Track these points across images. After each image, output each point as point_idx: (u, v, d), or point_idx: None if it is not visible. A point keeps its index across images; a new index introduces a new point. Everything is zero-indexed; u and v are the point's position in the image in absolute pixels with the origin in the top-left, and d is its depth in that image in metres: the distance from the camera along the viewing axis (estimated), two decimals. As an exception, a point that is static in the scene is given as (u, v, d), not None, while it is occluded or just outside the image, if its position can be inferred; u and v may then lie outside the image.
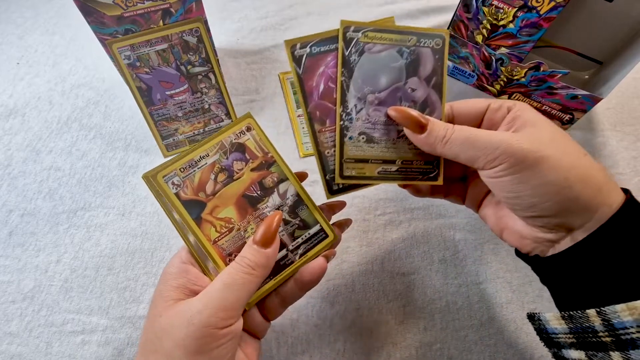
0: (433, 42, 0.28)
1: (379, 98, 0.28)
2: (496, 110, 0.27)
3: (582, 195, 0.23)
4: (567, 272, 0.24)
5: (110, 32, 0.39)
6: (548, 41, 0.48)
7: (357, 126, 0.28)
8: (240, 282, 0.24)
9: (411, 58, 0.28)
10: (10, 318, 0.37)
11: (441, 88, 0.28)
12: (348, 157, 0.28)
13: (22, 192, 0.42)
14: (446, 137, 0.25)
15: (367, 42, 0.27)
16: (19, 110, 0.47)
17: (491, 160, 0.24)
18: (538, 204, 0.24)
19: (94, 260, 0.39)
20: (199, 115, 0.45)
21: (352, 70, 0.27)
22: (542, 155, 0.23)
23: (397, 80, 0.28)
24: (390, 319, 0.38)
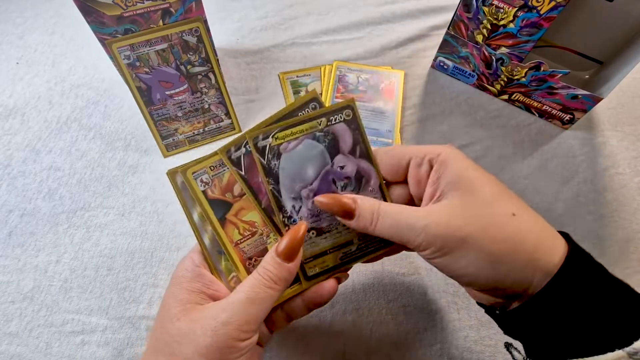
0: (343, 115, 0.28)
1: (312, 189, 0.27)
2: (418, 166, 0.26)
3: (512, 269, 0.22)
4: (521, 327, 0.24)
5: (109, 32, 0.39)
6: (548, 41, 0.48)
7: None
8: (263, 296, 0.24)
9: (328, 139, 0.27)
10: (10, 318, 0.37)
11: (368, 154, 0.28)
12: (306, 258, 0.28)
13: (21, 192, 0.42)
14: (373, 223, 0.25)
15: (280, 143, 0.27)
16: (18, 110, 0.47)
17: (418, 245, 0.24)
18: (474, 280, 0.24)
19: (93, 260, 0.39)
20: (198, 115, 0.45)
21: (276, 176, 0.27)
22: (462, 236, 0.22)
23: (324, 164, 0.27)
24: (390, 319, 0.38)
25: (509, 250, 0.22)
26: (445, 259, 0.23)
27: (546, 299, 0.22)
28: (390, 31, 0.56)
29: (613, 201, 0.45)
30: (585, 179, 0.46)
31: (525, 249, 0.22)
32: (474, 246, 0.22)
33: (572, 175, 0.46)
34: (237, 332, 0.23)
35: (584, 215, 0.44)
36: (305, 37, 0.54)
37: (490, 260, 0.22)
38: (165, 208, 0.42)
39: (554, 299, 0.22)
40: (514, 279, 0.23)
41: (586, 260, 0.23)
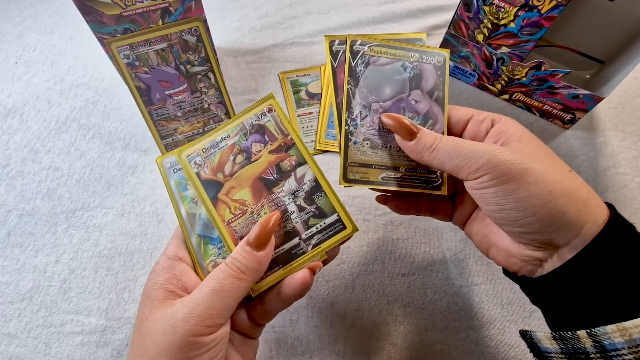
0: (435, 59, 0.30)
1: (383, 107, 0.29)
2: (480, 122, 0.27)
3: (567, 210, 0.22)
4: (556, 293, 0.24)
5: (109, 32, 0.39)
6: (549, 40, 0.48)
7: (362, 132, 0.29)
8: (229, 288, 0.23)
9: (414, 72, 0.29)
10: (9, 319, 0.36)
11: (443, 102, 0.29)
12: (352, 161, 0.29)
13: (20, 192, 0.42)
14: (433, 145, 0.25)
15: (373, 55, 0.29)
16: (17, 110, 0.47)
17: (475, 171, 0.24)
18: (522, 218, 0.23)
19: (92, 260, 0.39)
20: (198, 115, 0.44)
21: (357, 80, 0.29)
22: (526, 168, 0.23)
23: (401, 91, 0.29)
24: (390, 320, 0.38)
25: (567, 192, 0.23)
26: (502, 188, 0.23)
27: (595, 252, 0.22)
28: (390, 30, 0.55)
29: (614, 201, 0.44)
30: (586, 179, 0.45)
31: (581, 197, 0.23)
32: (536, 180, 0.22)
33: (573, 175, 0.46)
34: (198, 327, 0.22)
35: (585, 216, 0.44)
36: (305, 36, 0.54)
37: (549, 196, 0.22)
38: (165, 208, 0.42)
39: (601, 254, 0.22)
40: (567, 220, 0.22)
41: (628, 226, 0.23)
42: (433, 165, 0.26)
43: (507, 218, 0.24)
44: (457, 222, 0.32)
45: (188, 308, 0.22)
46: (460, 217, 0.31)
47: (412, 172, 0.29)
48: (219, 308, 0.23)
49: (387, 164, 0.29)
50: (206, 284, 0.23)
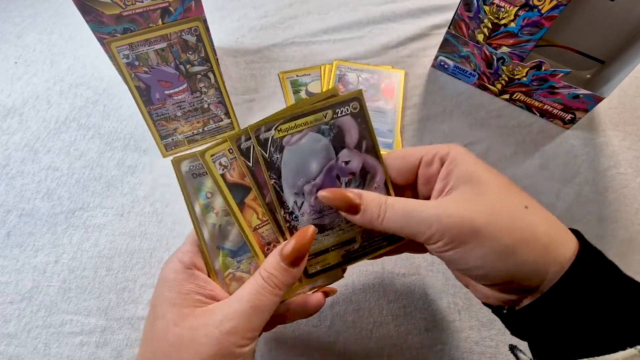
0: (350, 107, 0.26)
1: (316, 185, 0.26)
2: (429, 165, 0.26)
3: (526, 260, 0.22)
4: (530, 326, 0.24)
5: (108, 31, 0.39)
6: (550, 40, 0.48)
7: (305, 221, 0.27)
8: (267, 303, 0.24)
9: (334, 132, 0.26)
10: (8, 319, 0.36)
11: (374, 149, 0.27)
12: (309, 255, 0.27)
13: (20, 192, 0.42)
14: (380, 217, 0.24)
15: (283, 136, 0.26)
16: (16, 110, 0.47)
17: (429, 237, 0.23)
18: (487, 273, 0.23)
19: (92, 260, 0.39)
20: (198, 115, 0.44)
21: (279, 170, 0.26)
22: (475, 227, 0.22)
23: (328, 159, 0.26)
24: (390, 320, 0.38)
25: (523, 240, 0.22)
26: (458, 251, 0.23)
27: (560, 293, 0.22)
28: (390, 30, 0.55)
29: (614, 201, 0.44)
30: (587, 179, 0.46)
31: (540, 240, 0.22)
32: (488, 236, 0.22)
33: (574, 175, 0.46)
34: (240, 340, 0.23)
35: (585, 216, 0.44)
36: (305, 36, 0.54)
37: (505, 250, 0.22)
38: (165, 208, 0.42)
39: (568, 293, 0.22)
40: (528, 270, 0.22)
41: (598, 256, 0.23)
42: (390, 232, 0.25)
43: (473, 275, 0.24)
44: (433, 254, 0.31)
45: (232, 322, 0.23)
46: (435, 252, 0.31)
47: (370, 235, 0.28)
48: (258, 323, 0.24)
49: (342, 240, 0.27)
50: (246, 299, 0.24)
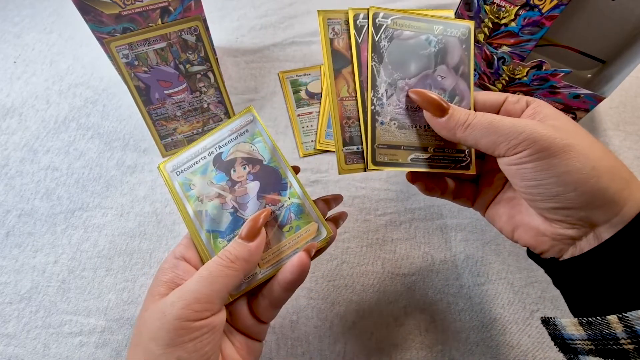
0: (459, 32, 0.28)
1: (409, 84, 0.28)
2: (514, 103, 0.26)
3: (610, 187, 0.22)
4: (588, 275, 0.23)
5: (108, 31, 0.39)
6: (550, 40, 0.48)
7: (388, 111, 0.27)
8: (217, 274, 0.24)
9: (439, 47, 0.28)
10: (7, 319, 0.36)
11: (469, 77, 0.28)
12: (380, 143, 0.27)
13: (19, 192, 0.42)
14: (467, 122, 0.25)
15: (396, 29, 0.27)
16: (16, 110, 0.47)
17: (514, 146, 0.23)
18: (562, 193, 0.22)
19: (91, 261, 0.39)
20: (197, 115, 0.44)
21: (381, 56, 0.27)
22: (568, 143, 0.22)
23: (427, 67, 0.28)
24: (390, 321, 0.38)
25: (609, 169, 0.22)
26: (542, 163, 0.22)
27: (636, 232, 0.21)
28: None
29: (615, 201, 0.44)
30: (587, 179, 0.45)
31: (623, 176, 0.22)
32: (579, 155, 0.22)
33: (574, 175, 0.46)
34: (185, 311, 0.22)
35: (586, 216, 0.43)
36: (305, 35, 0.54)
37: (592, 172, 0.22)
38: (164, 208, 0.42)
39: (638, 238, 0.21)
40: (607, 198, 0.22)
41: None
42: (467, 142, 0.25)
43: (545, 194, 0.23)
44: (479, 206, 0.31)
45: (177, 294, 0.23)
46: (483, 201, 0.31)
47: (441, 151, 0.28)
48: (206, 293, 0.23)
49: (415, 144, 0.28)
50: (197, 273, 0.24)
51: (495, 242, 0.41)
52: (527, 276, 0.40)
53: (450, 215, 0.43)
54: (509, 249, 0.41)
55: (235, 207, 0.28)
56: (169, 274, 0.25)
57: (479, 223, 0.42)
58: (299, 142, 0.46)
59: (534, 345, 0.36)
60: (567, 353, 0.24)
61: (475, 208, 0.32)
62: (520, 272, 0.40)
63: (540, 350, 0.36)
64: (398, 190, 0.44)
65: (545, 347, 0.37)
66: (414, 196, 0.43)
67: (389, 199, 0.43)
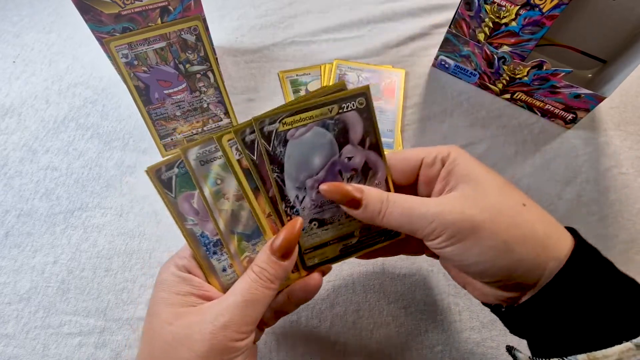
0: (356, 102, 0.26)
1: (318, 180, 0.26)
2: (430, 166, 0.26)
3: (525, 256, 0.22)
4: (529, 323, 0.24)
5: (107, 31, 0.39)
6: (551, 39, 0.48)
7: (306, 215, 0.27)
8: (260, 297, 0.24)
9: (338, 128, 0.26)
10: (7, 320, 0.36)
11: (378, 146, 0.27)
12: (306, 248, 0.27)
13: (18, 192, 0.42)
14: (382, 212, 0.25)
15: (288, 129, 0.25)
16: (15, 110, 0.47)
17: (429, 233, 0.24)
18: (484, 270, 0.23)
19: (91, 261, 0.39)
20: (197, 115, 0.44)
21: (281, 164, 0.26)
22: (476, 223, 0.22)
23: (331, 155, 0.26)
24: (391, 321, 0.37)
25: (522, 237, 0.22)
26: (458, 247, 0.23)
27: (557, 288, 0.22)
28: (391, 29, 0.55)
29: (616, 201, 0.44)
30: (588, 178, 0.45)
31: (538, 238, 0.23)
32: (488, 233, 0.22)
33: (575, 175, 0.46)
34: (235, 334, 0.23)
35: (587, 216, 0.43)
36: (305, 35, 0.54)
37: (503, 247, 0.22)
38: (164, 208, 0.42)
39: (565, 288, 0.22)
40: (527, 267, 0.23)
41: (593, 252, 0.23)
42: (389, 228, 0.26)
43: (472, 270, 0.24)
44: (429, 255, 0.31)
45: (226, 317, 0.23)
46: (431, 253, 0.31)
47: (367, 231, 0.28)
48: (252, 316, 0.24)
49: (340, 234, 0.28)
50: (239, 293, 0.24)
51: (495, 242, 0.41)
52: (528, 276, 0.39)
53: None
54: (509, 249, 0.41)
55: None
56: (184, 287, 0.25)
57: (479, 223, 0.42)
58: (299, 142, 0.46)
59: (535, 346, 0.36)
60: None
61: (427, 256, 0.32)
62: (521, 272, 0.40)
63: None
64: (398, 190, 0.44)
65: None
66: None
67: (389, 199, 0.43)
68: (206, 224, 0.26)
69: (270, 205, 0.26)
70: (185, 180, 0.26)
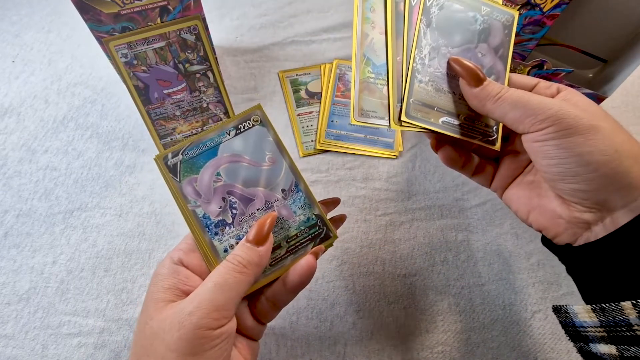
0: (504, 17, 0.30)
1: (451, 52, 0.29)
2: (546, 88, 0.27)
3: (631, 171, 0.22)
4: (602, 262, 0.23)
5: (107, 30, 0.39)
6: (552, 39, 0.47)
7: (428, 72, 0.29)
8: (232, 281, 0.24)
9: (483, 26, 0.30)
10: (6, 320, 0.36)
11: (507, 60, 0.30)
12: (416, 99, 0.28)
13: (17, 192, 0.42)
14: (499, 94, 0.25)
15: (447, 0, 0.29)
16: (14, 109, 0.46)
17: (540, 121, 0.23)
18: (582, 173, 0.22)
19: (90, 261, 0.39)
20: (197, 114, 0.44)
21: (430, 20, 0.29)
22: (594, 125, 0.22)
23: (470, 42, 0.29)
24: (391, 321, 0.37)
25: (634, 153, 0.22)
26: (569, 140, 0.22)
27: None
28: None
29: (617, 201, 0.44)
30: (589, 178, 0.45)
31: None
32: (605, 135, 0.22)
33: (575, 175, 0.45)
34: (205, 320, 0.22)
35: (587, 216, 0.43)
36: (305, 35, 0.54)
37: (614, 154, 0.22)
38: (163, 209, 0.42)
39: None
40: (629, 180, 0.22)
41: None
42: (494, 115, 0.26)
43: (565, 173, 0.23)
44: (496, 186, 0.31)
45: (194, 303, 0.23)
46: (502, 182, 0.31)
47: (471, 122, 0.29)
48: (223, 301, 0.23)
49: (448, 108, 0.29)
50: (210, 280, 0.24)
51: (495, 242, 0.41)
52: (528, 277, 0.39)
53: (450, 216, 0.42)
54: (510, 250, 0.41)
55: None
56: (171, 280, 0.25)
57: (480, 223, 0.42)
58: (299, 142, 0.46)
59: (535, 346, 0.36)
60: (577, 341, 0.24)
61: (492, 188, 0.32)
62: (521, 272, 0.39)
63: (542, 351, 0.36)
64: (398, 191, 0.44)
65: (546, 347, 0.37)
66: (414, 196, 0.43)
67: (390, 199, 0.43)
68: (208, 206, 0.27)
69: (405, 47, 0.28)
70: (189, 166, 0.28)
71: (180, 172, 0.27)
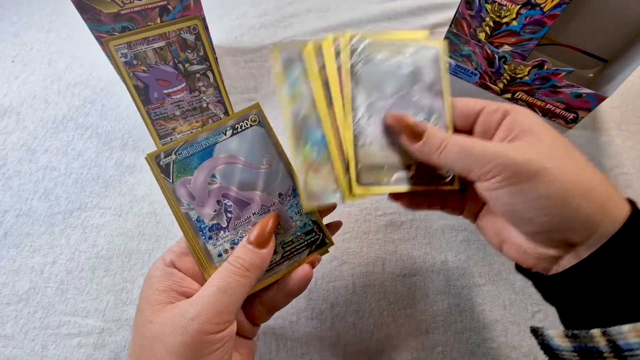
0: (430, 53, 0.28)
1: (387, 105, 0.28)
2: (492, 113, 0.26)
3: (582, 209, 0.22)
4: (571, 291, 0.23)
5: (106, 30, 0.39)
6: (552, 39, 0.47)
7: (369, 132, 0.27)
8: (235, 285, 0.24)
9: (411, 68, 0.28)
10: (5, 320, 0.36)
11: (443, 94, 0.28)
12: (364, 164, 0.27)
13: (17, 192, 0.42)
14: (441, 148, 0.25)
15: (371, 52, 0.28)
16: (14, 109, 0.46)
17: (486, 172, 0.23)
18: (535, 218, 0.23)
19: (90, 261, 0.39)
20: (197, 114, 0.44)
21: (359, 78, 0.27)
22: (539, 168, 0.22)
23: (401, 88, 0.28)
24: (391, 322, 0.37)
25: (582, 191, 0.22)
26: (514, 189, 0.22)
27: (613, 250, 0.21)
28: (391, 29, 0.55)
29: (617, 201, 0.44)
30: (589, 178, 0.45)
31: (597, 195, 0.22)
32: (549, 178, 0.22)
33: (576, 175, 0.45)
34: (208, 325, 0.22)
35: (588, 216, 0.43)
36: (305, 34, 0.54)
37: (563, 195, 0.21)
38: (163, 209, 0.41)
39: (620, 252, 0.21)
40: (581, 221, 0.22)
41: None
42: (444, 166, 0.26)
43: (519, 218, 0.23)
44: (468, 215, 0.31)
45: (197, 307, 0.23)
46: (471, 210, 0.31)
47: (424, 169, 0.28)
48: (226, 305, 0.23)
49: (398, 163, 0.28)
50: (212, 283, 0.24)
51: (496, 242, 0.41)
52: (529, 277, 0.39)
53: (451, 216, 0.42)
54: (510, 250, 0.41)
55: None
56: (165, 282, 0.25)
57: (480, 223, 0.42)
58: (299, 142, 0.46)
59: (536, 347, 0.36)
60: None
61: (464, 217, 0.32)
62: (522, 272, 0.39)
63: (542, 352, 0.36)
64: (398, 190, 0.43)
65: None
66: (414, 196, 0.43)
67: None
68: (202, 209, 0.27)
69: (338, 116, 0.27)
70: (183, 167, 0.27)
71: (173, 172, 0.26)
